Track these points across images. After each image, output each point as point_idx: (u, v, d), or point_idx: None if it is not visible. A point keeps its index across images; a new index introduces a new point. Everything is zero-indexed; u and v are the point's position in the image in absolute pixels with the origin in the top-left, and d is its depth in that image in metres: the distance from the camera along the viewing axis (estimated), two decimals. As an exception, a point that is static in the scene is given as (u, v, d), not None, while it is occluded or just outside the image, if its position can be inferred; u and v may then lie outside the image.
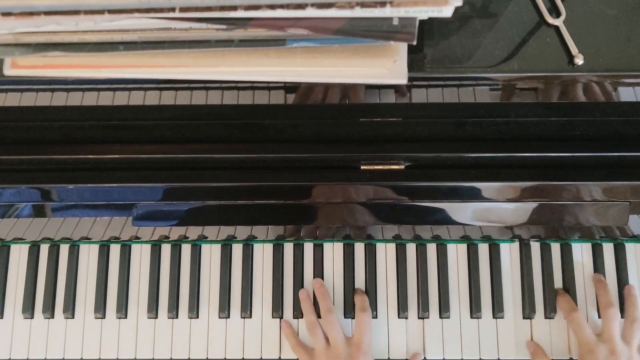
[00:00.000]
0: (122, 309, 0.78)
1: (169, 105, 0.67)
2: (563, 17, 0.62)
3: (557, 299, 0.77)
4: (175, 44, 0.53)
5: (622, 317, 0.76)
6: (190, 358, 0.78)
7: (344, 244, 0.80)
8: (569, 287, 0.77)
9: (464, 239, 0.78)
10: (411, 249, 0.79)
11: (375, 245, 0.79)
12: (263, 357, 0.77)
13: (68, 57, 0.54)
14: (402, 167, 0.69)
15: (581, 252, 0.79)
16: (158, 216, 0.72)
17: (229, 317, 0.78)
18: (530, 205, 0.70)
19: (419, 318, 0.78)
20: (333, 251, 0.80)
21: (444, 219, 0.71)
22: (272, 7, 0.46)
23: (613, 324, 0.72)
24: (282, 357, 0.77)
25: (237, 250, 0.80)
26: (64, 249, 0.80)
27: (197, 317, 0.78)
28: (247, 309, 0.78)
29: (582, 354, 0.72)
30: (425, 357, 0.77)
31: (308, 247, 0.80)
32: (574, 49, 0.61)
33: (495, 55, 0.61)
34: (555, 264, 0.78)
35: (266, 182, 0.70)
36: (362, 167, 0.69)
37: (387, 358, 0.77)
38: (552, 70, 0.61)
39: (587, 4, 0.63)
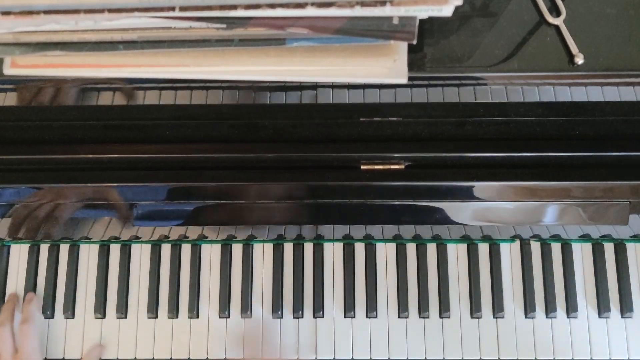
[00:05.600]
0: (122, 309, 0.78)
1: (169, 105, 0.67)
2: (563, 16, 0.62)
3: None
4: (175, 44, 0.53)
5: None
6: (190, 358, 0.77)
7: (344, 244, 0.79)
8: (569, 287, 0.77)
9: (464, 238, 0.78)
10: (411, 248, 0.79)
11: (375, 245, 0.79)
12: (263, 357, 0.77)
13: (68, 57, 0.54)
14: (402, 166, 0.69)
15: (581, 252, 0.79)
16: (158, 216, 0.72)
17: (229, 317, 0.78)
18: (531, 205, 0.70)
19: (419, 318, 0.78)
20: (333, 251, 0.80)
21: (444, 219, 0.71)
22: (272, 6, 0.46)
23: None
24: (282, 357, 0.77)
25: (237, 250, 0.80)
26: (64, 249, 0.80)
27: (197, 317, 0.78)
28: (247, 309, 0.78)
29: None
30: (425, 357, 0.77)
31: (308, 247, 0.80)
32: (574, 48, 0.61)
33: (495, 55, 0.61)
34: (555, 263, 0.78)
35: (266, 182, 0.70)
36: (362, 167, 0.69)
37: (387, 358, 0.77)
38: (552, 69, 0.61)
39: (587, 3, 0.63)
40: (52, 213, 0.72)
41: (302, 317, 0.78)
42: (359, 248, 0.80)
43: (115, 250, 0.80)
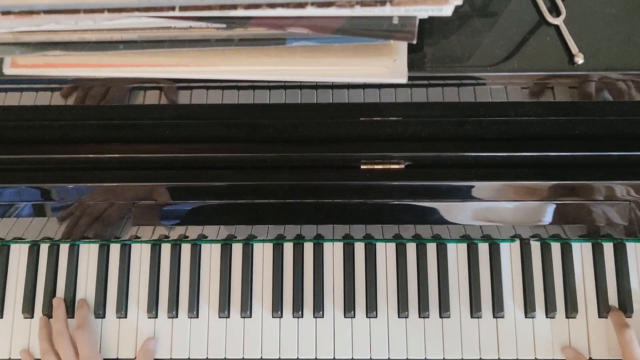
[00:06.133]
0: (122, 309, 0.78)
1: (169, 105, 0.67)
2: (563, 16, 0.62)
3: (610, 314, 0.76)
4: (175, 43, 0.53)
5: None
6: (190, 358, 0.77)
7: (343, 244, 0.79)
8: (569, 287, 0.77)
9: (464, 238, 0.78)
10: (411, 248, 0.79)
11: (375, 245, 0.79)
12: (263, 357, 0.77)
13: (68, 56, 0.54)
14: (402, 166, 0.69)
15: (581, 252, 0.79)
16: (158, 216, 0.72)
17: (228, 317, 0.78)
18: (531, 205, 0.70)
19: (419, 318, 0.78)
20: (333, 251, 0.80)
21: (444, 219, 0.71)
22: (272, 5, 0.46)
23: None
24: (281, 357, 0.77)
25: (237, 249, 0.80)
26: (64, 249, 0.80)
27: (197, 316, 0.78)
28: (247, 309, 0.78)
29: None
30: (425, 357, 0.77)
31: (308, 247, 0.80)
32: (574, 48, 0.61)
33: (495, 55, 0.61)
34: (555, 263, 0.78)
35: (266, 181, 0.70)
36: (362, 167, 0.69)
37: (387, 358, 0.77)
38: (552, 69, 0.61)
39: (587, 3, 0.63)
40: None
41: (302, 317, 0.78)
42: (359, 248, 0.80)
43: (115, 250, 0.80)
